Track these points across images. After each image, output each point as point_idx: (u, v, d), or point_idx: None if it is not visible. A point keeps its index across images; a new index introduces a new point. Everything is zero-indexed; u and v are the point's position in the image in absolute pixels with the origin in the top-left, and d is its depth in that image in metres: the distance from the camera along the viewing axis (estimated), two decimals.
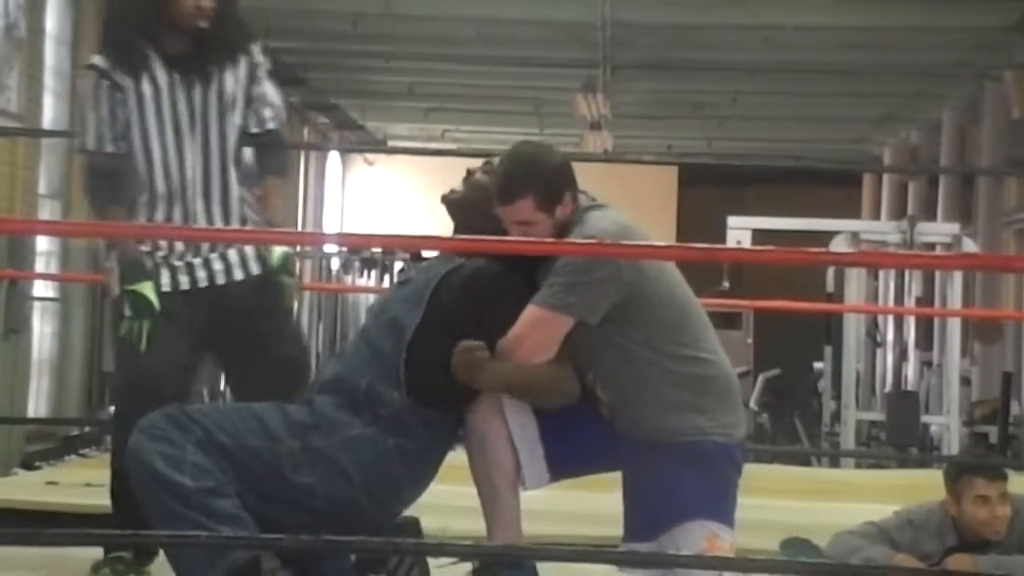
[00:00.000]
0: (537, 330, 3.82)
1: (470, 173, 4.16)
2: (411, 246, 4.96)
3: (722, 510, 3.93)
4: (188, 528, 3.73)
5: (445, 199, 4.17)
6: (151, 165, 4.36)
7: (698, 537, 3.84)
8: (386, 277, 13.49)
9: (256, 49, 4.47)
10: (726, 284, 13.73)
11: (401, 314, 3.95)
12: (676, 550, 3.82)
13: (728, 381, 4.01)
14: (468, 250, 3.93)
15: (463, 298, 3.88)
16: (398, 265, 13.56)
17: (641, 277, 3.85)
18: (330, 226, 22.19)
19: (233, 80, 4.39)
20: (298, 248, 4.66)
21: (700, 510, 3.87)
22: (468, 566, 4.02)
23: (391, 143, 22.75)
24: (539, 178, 3.90)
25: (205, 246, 4.38)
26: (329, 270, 15.12)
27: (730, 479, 3.97)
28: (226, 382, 5.14)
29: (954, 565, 5.12)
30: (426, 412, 3.89)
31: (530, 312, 3.82)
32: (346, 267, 15.00)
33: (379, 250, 13.43)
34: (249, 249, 4.41)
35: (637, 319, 3.86)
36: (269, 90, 4.48)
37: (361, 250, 13.82)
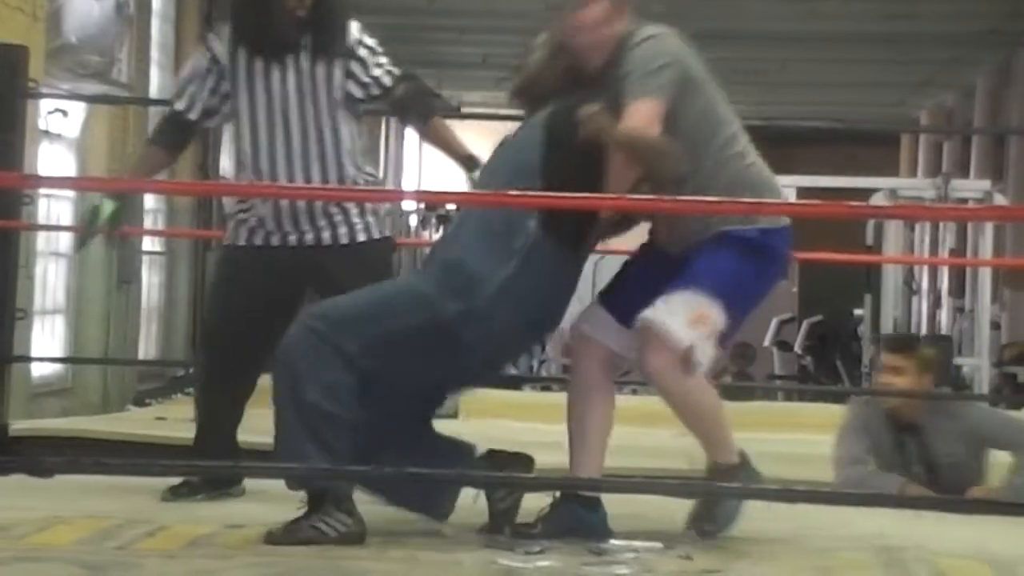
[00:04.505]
0: (640, 116, 3.76)
1: (519, 67, 4.11)
2: (482, 202, 4.87)
3: (734, 294, 3.81)
4: (288, 431, 3.70)
5: (513, 91, 4.12)
6: (248, 140, 4.38)
7: (688, 305, 3.73)
8: None
9: (354, 27, 4.42)
10: None
11: (523, 158, 3.89)
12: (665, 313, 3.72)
13: (771, 175, 3.97)
14: (539, 205, 3.88)
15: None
16: None
17: (694, 62, 3.94)
18: (408, 184, 22.21)
19: (329, 60, 4.35)
20: (384, 205, 4.62)
21: (706, 286, 3.76)
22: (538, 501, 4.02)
23: (465, 109, 22.74)
24: None
25: (298, 212, 4.37)
26: (408, 226, 15.14)
27: (773, 267, 3.91)
28: None
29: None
30: (553, 248, 3.84)
31: (630, 106, 3.77)
32: (424, 223, 15.01)
33: (454, 207, 13.43)
34: (340, 218, 4.40)
35: (696, 106, 3.87)
36: (371, 58, 4.40)
37: (437, 207, 13.81)
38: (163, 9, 11.70)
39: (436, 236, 14.39)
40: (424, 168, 23.70)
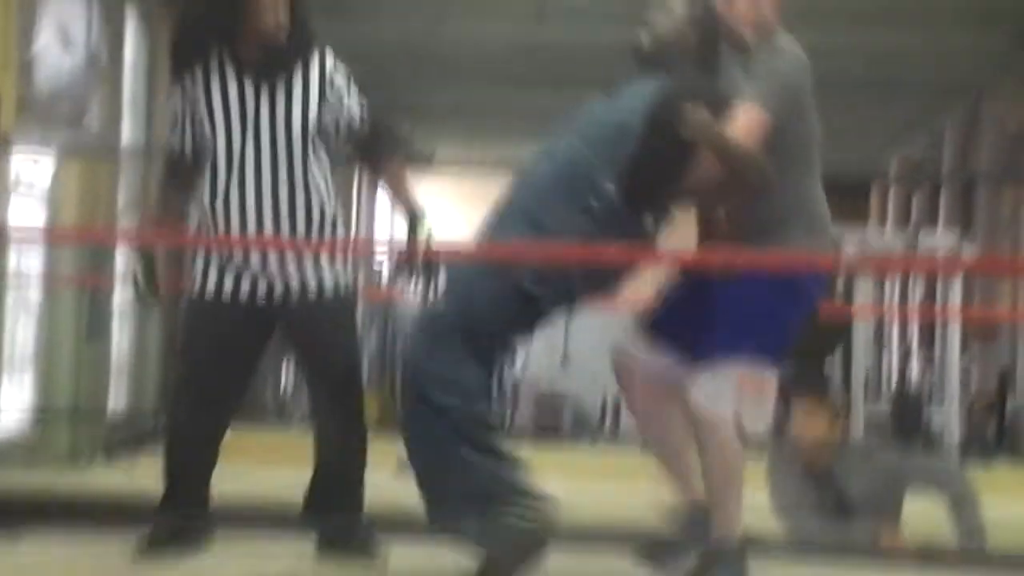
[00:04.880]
0: (745, 122, 3.85)
1: (646, 22, 4.18)
2: (457, 254, 4.85)
3: (772, 342, 3.94)
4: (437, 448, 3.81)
5: (637, 46, 4.19)
6: (223, 167, 4.32)
7: (731, 379, 3.84)
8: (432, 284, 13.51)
9: (329, 54, 4.39)
10: None
11: (627, 120, 3.92)
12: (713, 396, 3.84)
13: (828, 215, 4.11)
14: (523, 257, 3.87)
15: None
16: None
17: (809, 88, 4.11)
18: (381, 235, 22.23)
19: (304, 85, 4.31)
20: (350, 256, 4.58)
21: (746, 349, 3.87)
22: None
23: (437, 159, 22.77)
24: None
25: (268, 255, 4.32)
26: (379, 277, 15.13)
27: (804, 306, 4.07)
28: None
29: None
30: (628, 213, 3.87)
31: (742, 111, 3.86)
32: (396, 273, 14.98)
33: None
34: (308, 262, 4.34)
35: (799, 131, 4.02)
36: (344, 88, 4.38)
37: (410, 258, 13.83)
38: (135, 60, 11.71)
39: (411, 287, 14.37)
40: (396, 221, 23.73)
